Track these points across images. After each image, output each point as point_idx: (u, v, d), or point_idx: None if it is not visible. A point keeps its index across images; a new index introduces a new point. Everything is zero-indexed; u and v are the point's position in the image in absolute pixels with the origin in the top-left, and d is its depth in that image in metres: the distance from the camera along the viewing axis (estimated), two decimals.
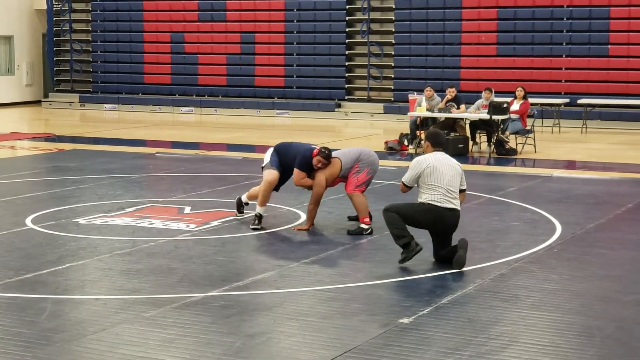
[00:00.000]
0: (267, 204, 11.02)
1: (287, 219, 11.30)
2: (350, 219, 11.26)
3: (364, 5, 27.39)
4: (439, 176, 9.13)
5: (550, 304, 7.85)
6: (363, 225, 10.69)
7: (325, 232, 10.73)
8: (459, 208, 9.25)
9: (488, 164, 17.55)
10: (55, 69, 31.92)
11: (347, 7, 27.70)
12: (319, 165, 10.87)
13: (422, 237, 9.38)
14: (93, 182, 14.43)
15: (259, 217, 10.87)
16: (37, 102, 31.90)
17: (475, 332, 7.01)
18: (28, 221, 11.21)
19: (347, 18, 27.70)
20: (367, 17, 27.35)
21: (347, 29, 27.70)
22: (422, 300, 7.85)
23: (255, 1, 28.66)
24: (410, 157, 18.11)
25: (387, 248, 9.90)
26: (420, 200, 9.20)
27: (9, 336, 6.85)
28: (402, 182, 9.34)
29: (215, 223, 11.15)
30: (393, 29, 26.99)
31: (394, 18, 26.98)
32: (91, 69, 31.29)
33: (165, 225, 11.06)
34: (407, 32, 26.68)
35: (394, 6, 26.99)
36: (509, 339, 6.88)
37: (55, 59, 31.86)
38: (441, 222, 9.15)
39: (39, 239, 10.26)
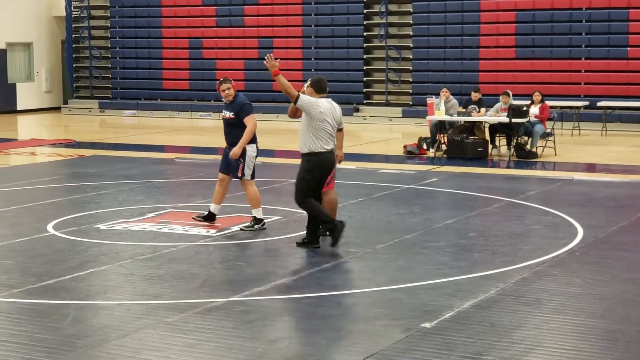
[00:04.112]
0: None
1: (304, 223, 11.26)
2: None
3: (382, 10, 27.37)
4: (325, 123, 9.94)
5: (572, 308, 7.82)
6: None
7: (345, 237, 10.69)
8: (334, 148, 10.16)
9: (508, 167, 17.49)
10: (74, 75, 32.06)
11: (365, 11, 27.70)
12: (222, 91, 11.10)
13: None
14: (113, 188, 14.48)
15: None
16: (56, 109, 32.04)
17: (498, 337, 6.99)
18: (50, 227, 11.25)
19: (364, 22, 27.70)
20: (385, 21, 27.34)
21: (365, 33, 27.70)
22: (444, 305, 7.83)
23: (272, 6, 28.70)
24: (431, 161, 18.11)
25: (408, 252, 9.90)
26: (305, 149, 9.97)
27: (32, 342, 6.88)
28: (299, 94, 9.84)
29: (235, 228, 11.17)
30: (411, 33, 26.97)
31: (411, 22, 26.97)
32: (110, 75, 31.40)
33: (186, 230, 11.09)
34: (425, 36, 26.65)
35: (411, 10, 26.98)
36: (532, 343, 6.85)
37: (74, 65, 32.00)
38: (327, 163, 10.01)
39: (61, 245, 10.30)
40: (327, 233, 10.65)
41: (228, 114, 11.22)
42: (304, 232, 10.83)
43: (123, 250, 10.01)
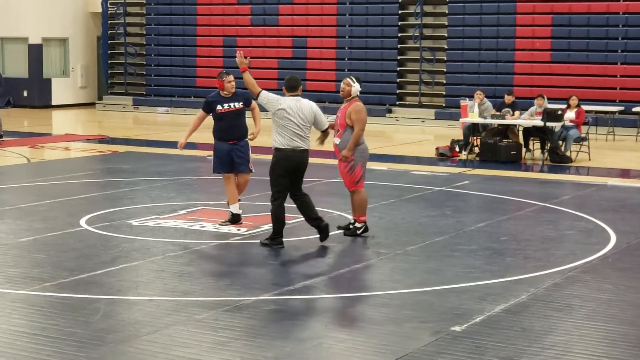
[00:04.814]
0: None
1: (338, 223, 11.25)
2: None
3: (417, 11, 27.29)
4: (287, 121, 9.96)
5: (604, 314, 7.76)
6: (357, 225, 10.66)
7: (375, 238, 10.69)
8: (304, 147, 10.04)
9: (541, 171, 17.38)
10: (109, 71, 32.24)
11: (400, 12, 27.64)
12: (229, 82, 11.19)
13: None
14: (146, 184, 14.55)
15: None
16: (91, 104, 32.23)
17: (529, 342, 6.95)
18: (82, 222, 11.33)
19: (399, 23, 27.63)
20: (419, 22, 27.26)
21: (400, 34, 27.63)
22: (475, 308, 7.79)
23: (307, 6, 28.70)
24: (463, 163, 18.04)
25: (438, 255, 9.86)
26: (273, 145, 10.06)
27: (63, 336, 6.92)
28: (261, 91, 10.19)
29: (266, 227, 11.15)
30: (446, 35, 26.87)
31: (447, 23, 26.86)
32: (145, 72, 31.56)
33: (217, 228, 11.11)
34: (460, 38, 26.54)
35: (447, 11, 26.88)
36: (563, 349, 6.81)
37: (109, 61, 32.17)
38: (289, 162, 9.96)
39: (93, 240, 10.37)
40: (358, 232, 10.66)
41: (237, 105, 11.25)
42: (335, 232, 10.84)
43: (154, 247, 10.05)
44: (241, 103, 11.26)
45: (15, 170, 16.65)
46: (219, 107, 11.22)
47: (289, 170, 10.03)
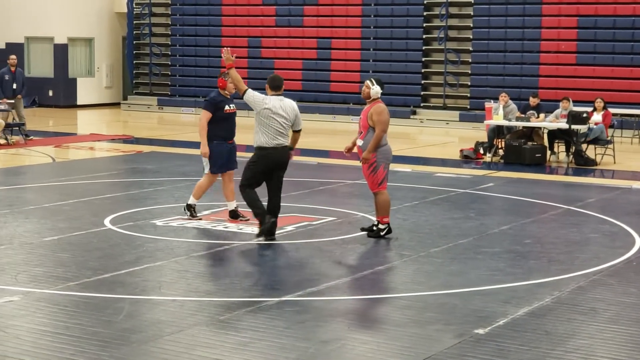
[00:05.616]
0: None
1: (361, 225, 11.25)
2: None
3: (442, 12, 27.24)
4: (272, 120, 10.37)
5: (628, 318, 7.72)
6: (380, 226, 10.64)
7: (399, 240, 10.67)
8: (286, 144, 10.49)
9: (566, 174, 17.29)
10: (134, 71, 32.38)
11: (425, 13, 27.59)
12: (229, 86, 11.32)
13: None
14: (170, 185, 14.60)
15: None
16: (116, 104, 32.39)
17: (552, 345, 6.92)
18: (107, 222, 11.38)
19: (424, 25, 27.59)
20: (444, 24, 27.21)
21: (424, 36, 27.59)
22: (498, 311, 7.76)
23: (332, 7, 28.71)
24: (487, 166, 17.99)
25: (462, 257, 9.84)
26: (255, 143, 10.49)
27: (86, 335, 6.95)
28: (248, 89, 10.52)
29: (290, 228, 11.18)
30: (471, 36, 26.80)
31: (472, 25, 26.79)
32: (169, 73, 31.67)
33: (240, 229, 11.14)
34: (485, 40, 26.47)
35: (472, 13, 26.81)
36: (586, 353, 6.77)
37: (134, 62, 32.31)
38: (271, 160, 10.39)
39: (117, 240, 10.41)
40: (382, 234, 10.64)
41: (234, 107, 11.64)
42: (358, 233, 10.84)
43: (178, 247, 10.08)
44: (234, 106, 11.69)
45: (40, 170, 16.76)
46: (226, 107, 11.42)
47: (270, 168, 10.43)
